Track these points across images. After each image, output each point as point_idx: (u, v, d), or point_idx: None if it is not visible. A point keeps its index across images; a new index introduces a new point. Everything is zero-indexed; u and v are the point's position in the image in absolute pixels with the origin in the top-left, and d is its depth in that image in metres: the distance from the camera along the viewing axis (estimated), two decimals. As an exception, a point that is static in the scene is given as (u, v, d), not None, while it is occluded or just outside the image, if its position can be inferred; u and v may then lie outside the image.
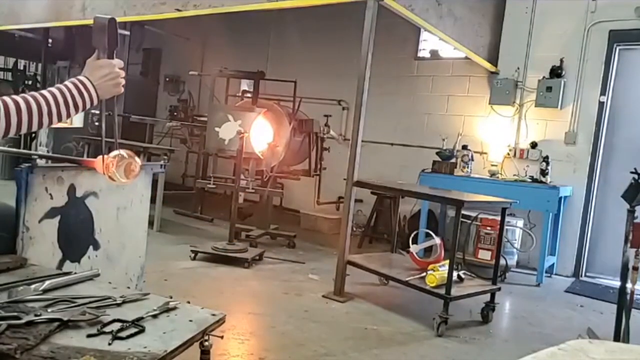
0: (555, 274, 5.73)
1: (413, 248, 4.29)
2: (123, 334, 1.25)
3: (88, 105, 1.41)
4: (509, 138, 6.16)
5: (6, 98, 1.28)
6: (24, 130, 1.29)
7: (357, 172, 4.02)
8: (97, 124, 7.69)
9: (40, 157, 2.62)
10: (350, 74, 4.63)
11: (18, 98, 1.29)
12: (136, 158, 1.68)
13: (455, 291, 3.61)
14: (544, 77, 5.87)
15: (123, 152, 1.65)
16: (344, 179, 4.11)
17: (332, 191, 6.65)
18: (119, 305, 1.44)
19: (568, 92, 5.79)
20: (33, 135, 7.64)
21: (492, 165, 6.01)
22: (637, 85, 5.63)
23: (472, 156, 5.84)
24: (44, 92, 1.34)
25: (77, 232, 2.02)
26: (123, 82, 1.48)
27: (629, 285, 3.13)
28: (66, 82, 1.40)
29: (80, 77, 1.43)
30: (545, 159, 5.54)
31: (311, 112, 6.53)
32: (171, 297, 1.53)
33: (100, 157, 1.65)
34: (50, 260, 1.88)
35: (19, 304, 1.34)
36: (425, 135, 6.82)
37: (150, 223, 4.06)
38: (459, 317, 3.75)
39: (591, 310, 4.54)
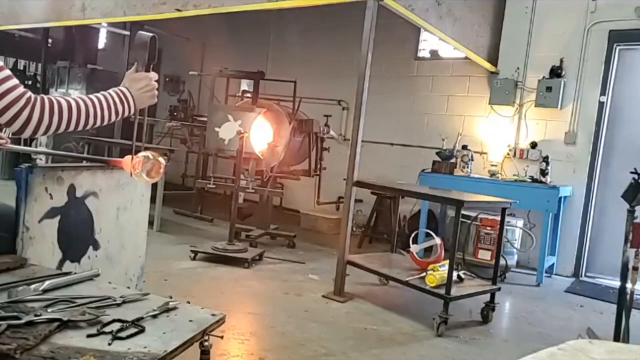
0: (555, 274, 5.73)
1: (413, 248, 4.29)
2: (123, 334, 1.25)
3: (126, 114, 1.54)
4: (509, 138, 6.16)
5: (59, 98, 1.38)
6: (70, 128, 1.40)
7: (357, 172, 4.02)
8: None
9: (71, 157, 2.69)
10: (350, 74, 4.63)
11: (69, 99, 1.41)
12: (160, 159, 1.81)
13: (455, 291, 3.61)
14: (543, 77, 5.87)
15: (149, 153, 1.80)
16: (344, 179, 4.11)
17: (332, 191, 6.65)
18: (119, 305, 1.44)
19: (568, 92, 5.78)
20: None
21: (492, 165, 6.01)
22: (637, 85, 5.63)
23: (472, 156, 5.84)
24: (90, 96, 1.46)
25: (77, 232, 2.02)
26: (157, 93, 1.62)
27: (629, 285, 3.13)
28: (109, 91, 1.52)
29: (122, 88, 1.54)
30: (545, 159, 5.53)
31: (311, 112, 6.53)
32: (171, 297, 1.53)
33: (128, 157, 1.81)
34: (50, 260, 1.88)
35: (19, 304, 1.34)
36: (425, 135, 6.82)
37: (150, 223, 4.06)
38: (459, 317, 3.75)
39: (591, 310, 4.54)
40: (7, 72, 1.32)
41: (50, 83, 8.62)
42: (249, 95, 6.44)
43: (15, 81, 1.32)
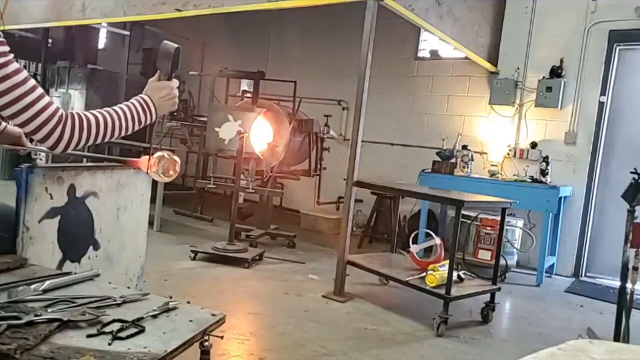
0: (555, 274, 5.73)
1: (413, 248, 4.29)
2: (123, 334, 1.25)
3: (149, 122, 1.59)
4: (509, 138, 6.16)
5: (86, 113, 1.44)
6: (98, 141, 1.46)
7: (357, 172, 4.02)
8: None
9: (89, 157, 2.74)
10: (350, 74, 4.64)
11: (95, 113, 1.47)
12: (176, 157, 1.91)
13: (455, 291, 3.61)
14: (544, 77, 5.87)
15: (165, 153, 1.90)
16: (344, 179, 4.11)
17: (332, 191, 6.65)
18: (119, 305, 1.44)
19: (568, 92, 5.79)
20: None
21: (492, 165, 6.01)
22: (637, 85, 5.63)
23: (472, 156, 5.85)
24: (115, 108, 1.52)
25: (77, 232, 2.02)
26: (177, 100, 1.68)
27: (629, 285, 3.13)
28: (132, 101, 1.57)
29: (144, 97, 1.60)
30: (545, 159, 5.54)
31: (311, 112, 6.53)
32: (171, 297, 1.53)
33: (145, 157, 1.90)
34: (50, 260, 1.87)
35: (19, 304, 1.34)
36: (425, 135, 6.82)
37: (150, 223, 4.06)
38: (459, 317, 3.75)
39: (591, 310, 4.54)
40: (40, 90, 1.36)
41: (50, 83, 8.61)
42: (249, 95, 6.44)
43: (47, 99, 1.36)
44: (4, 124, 1.99)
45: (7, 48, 1.31)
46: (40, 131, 1.35)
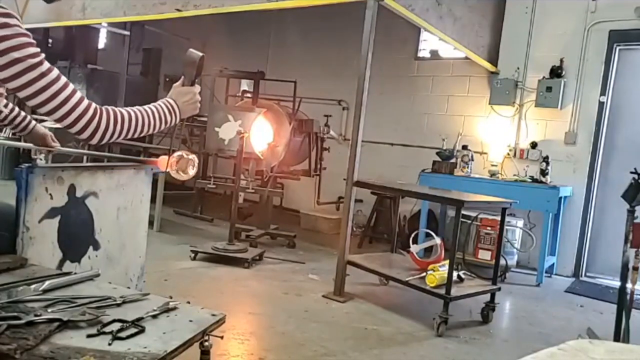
0: (555, 274, 5.73)
1: (413, 248, 4.29)
2: (123, 334, 1.25)
3: (172, 123, 1.68)
4: (509, 138, 6.16)
5: (119, 108, 1.53)
6: (129, 135, 1.55)
7: (357, 172, 4.02)
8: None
9: (107, 157, 2.87)
10: (350, 74, 4.64)
11: (128, 109, 1.56)
12: (193, 156, 2.08)
13: (455, 291, 3.61)
14: (544, 77, 5.87)
15: (183, 153, 2.07)
16: (344, 179, 4.11)
17: (332, 191, 6.65)
18: (119, 305, 1.44)
19: (568, 92, 5.78)
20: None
21: (492, 165, 6.01)
22: (637, 85, 5.63)
23: (472, 156, 5.84)
24: (145, 107, 1.61)
25: (77, 232, 2.02)
26: (199, 105, 1.77)
27: (629, 285, 3.13)
28: (159, 102, 1.67)
29: (170, 100, 1.69)
30: (545, 159, 5.54)
31: (311, 112, 6.53)
32: (171, 297, 1.53)
33: (163, 156, 2.10)
34: (50, 260, 1.88)
35: (19, 304, 1.34)
36: (425, 135, 6.82)
37: (150, 223, 4.06)
38: (459, 317, 3.75)
39: (591, 310, 4.54)
40: (72, 86, 1.43)
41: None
42: (249, 95, 6.44)
43: (79, 94, 1.43)
44: (33, 122, 2.08)
45: (38, 49, 1.37)
46: (77, 124, 1.42)
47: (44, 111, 1.38)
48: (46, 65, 1.37)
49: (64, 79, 1.40)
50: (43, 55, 1.37)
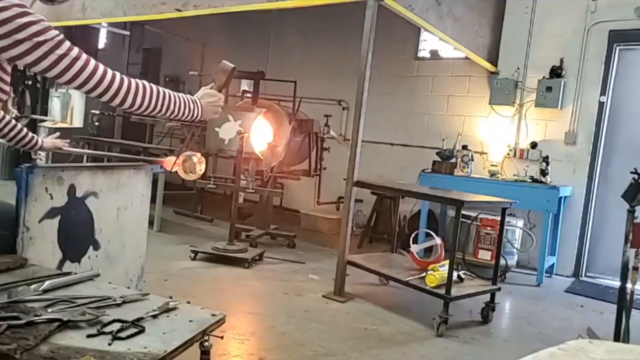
0: (555, 274, 5.73)
1: (413, 248, 4.29)
2: (123, 334, 1.25)
3: (194, 117, 1.76)
4: (509, 138, 6.16)
5: (147, 83, 1.60)
6: (156, 110, 1.61)
7: (357, 172, 4.02)
8: (97, 124, 7.74)
9: (115, 157, 3.00)
10: (350, 74, 4.64)
11: (157, 86, 1.63)
12: (200, 156, 2.22)
13: (455, 291, 3.61)
14: (544, 77, 5.87)
15: (191, 153, 2.21)
16: (344, 179, 4.11)
17: (332, 191, 6.65)
18: (119, 305, 1.44)
19: (568, 92, 5.78)
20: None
21: (492, 165, 6.01)
22: (637, 85, 5.62)
23: (472, 156, 5.84)
24: (172, 92, 1.68)
25: (77, 232, 2.02)
26: (221, 110, 1.86)
27: (629, 285, 3.13)
28: (187, 95, 1.76)
29: (195, 97, 1.78)
30: (545, 159, 5.54)
31: (311, 112, 6.53)
32: (171, 297, 1.53)
33: (171, 157, 2.26)
34: (50, 260, 1.88)
35: (19, 304, 1.34)
36: (425, 135, 6.82)
37: (150, 223, 4.06)
38: (459, 317, 3.75)
39: (591, 310, 4.54)
40: (93, 61, 1.53)
41: (51, 83, 8.60)
42: (249, 95, 6.43)
43: (102, 66, 1.53)
44: (38, 139, 2.26)
45: (57, 31, 1.54)
46: (107, 94, 1.50)
47: (73, 86, 1.50)
48: (76, 49, 1.54)
49: (89, 58, 1.53)
50: (62, 35, 1.52)
